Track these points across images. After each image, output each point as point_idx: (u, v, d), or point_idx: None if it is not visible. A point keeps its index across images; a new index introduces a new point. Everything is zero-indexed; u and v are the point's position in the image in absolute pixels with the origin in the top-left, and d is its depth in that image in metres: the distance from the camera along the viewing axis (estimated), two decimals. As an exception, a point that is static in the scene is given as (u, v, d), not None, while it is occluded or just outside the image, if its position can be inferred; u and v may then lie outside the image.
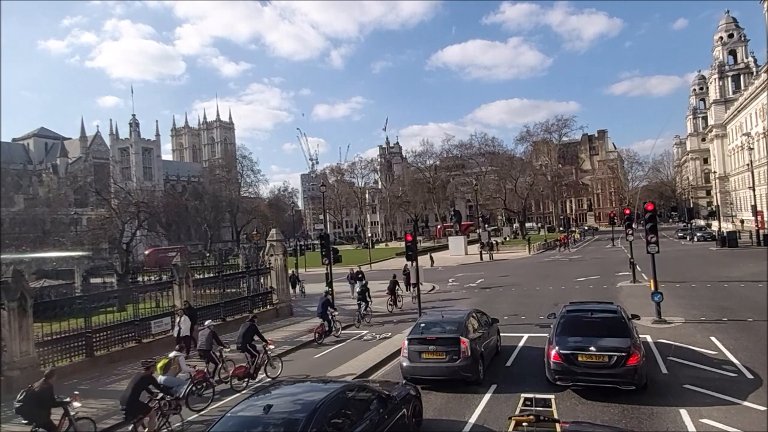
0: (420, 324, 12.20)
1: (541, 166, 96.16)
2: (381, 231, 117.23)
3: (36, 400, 8.73)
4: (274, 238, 23.93)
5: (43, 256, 39.25)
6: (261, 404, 6.59)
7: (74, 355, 14.67)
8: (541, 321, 16.11)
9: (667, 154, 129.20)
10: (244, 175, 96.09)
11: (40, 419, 8.72)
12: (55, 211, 66.87)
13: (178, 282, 18.30)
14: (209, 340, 12.71)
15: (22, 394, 8.83)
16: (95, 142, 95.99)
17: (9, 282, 13.29)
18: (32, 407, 8.72)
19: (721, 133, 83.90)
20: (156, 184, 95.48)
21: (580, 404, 9.64)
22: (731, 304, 18.44)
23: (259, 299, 22.59)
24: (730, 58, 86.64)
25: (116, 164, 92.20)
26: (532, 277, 32.19)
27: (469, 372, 10.86)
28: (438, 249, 59.00)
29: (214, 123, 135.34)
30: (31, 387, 8.95)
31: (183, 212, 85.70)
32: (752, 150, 56.46)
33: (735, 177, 76.70)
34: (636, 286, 24.13)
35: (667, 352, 12.63)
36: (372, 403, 7.58)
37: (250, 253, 29.21)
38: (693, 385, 10.18)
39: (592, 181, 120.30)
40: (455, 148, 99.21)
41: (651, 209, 18.12)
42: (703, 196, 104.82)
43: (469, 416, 9.42)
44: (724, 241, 42.13)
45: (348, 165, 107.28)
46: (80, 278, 28.72)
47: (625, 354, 9.61)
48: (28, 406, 8.71)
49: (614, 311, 11.28)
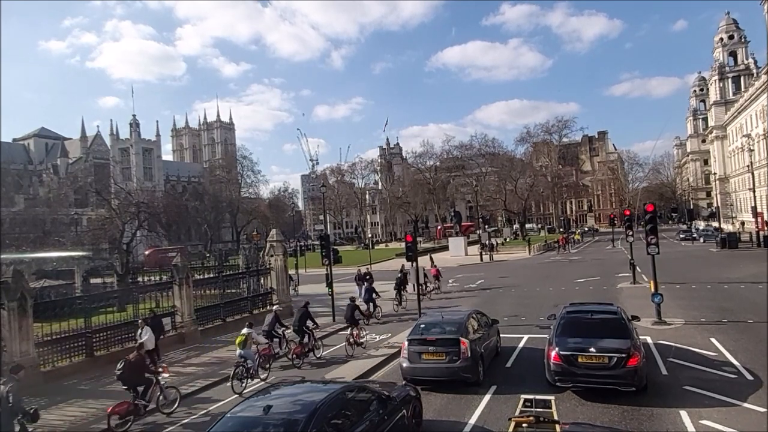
0: (420, 325, 12.20)
1: (542, 167, 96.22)
2: (381, 232, 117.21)
3: (132, 368, 10.33)
4: (274, 238, 23.94)
5: (44, 256, 39.22)
6: (261, 405, 6.60)
7: (74, 355, 14.67)
8: (541, 322, 16.10)
9: (668, 156, 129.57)
10: (245, 175, 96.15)
11: (136, 384, 10.37)
12: (55, 211, 66.81)
13: (178, 282, 18.30)
14: (273, 322, 14.72)
15: (121, 363, 10.39)
16: (95, 142, 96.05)
17: (9, 282, 13.28)
18: (129, 374, 10.31)
19: (721, 135, 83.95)
20: (156, 185, 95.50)
21: (580, 405, 9.64)
22: (731, 306, 18.44)
23: (259, 300, 22.59)
24: (731, 60, 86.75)
25: (116, 164, 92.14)
26: (532, 278, 32.19)
27: (469, 373, 10.85)
28: (438, 250, 58.97)
29: (215, 123, 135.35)
30: (128, 358, 10.51)
31: (183, 212, 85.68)
32: (752, 151, 56.52)
33: (735, 178, 76.74)
34: (636, 288, 24.12)
35: (667, 353, 12.62)
36: (372, 403, 7.58)
37: (250, 254, 29.18)
38: (693, 386, 10.18)
39: (592, 182, 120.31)
40: (455, 149, 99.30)
41: (651, 210, 18.14)
42: (704, 198, 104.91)
43: (468, 417, 9.42)
44: (724, 243, 42.15)
45: (348, 165, 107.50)
46: (80, 278, 28.68)
47: (625, 355, 9.61)
48: (126, 374, 10.28)
49: (614, 312, 11.28)
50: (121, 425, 9.79)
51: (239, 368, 12.15)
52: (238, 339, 12.62)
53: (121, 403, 9.96)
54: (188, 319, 18.26)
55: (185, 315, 18.22)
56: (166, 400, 10.83)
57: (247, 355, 12.44)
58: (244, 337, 12.63)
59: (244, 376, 12.20)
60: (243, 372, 12.19)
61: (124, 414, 9.80)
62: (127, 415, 9.86)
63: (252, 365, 12.47)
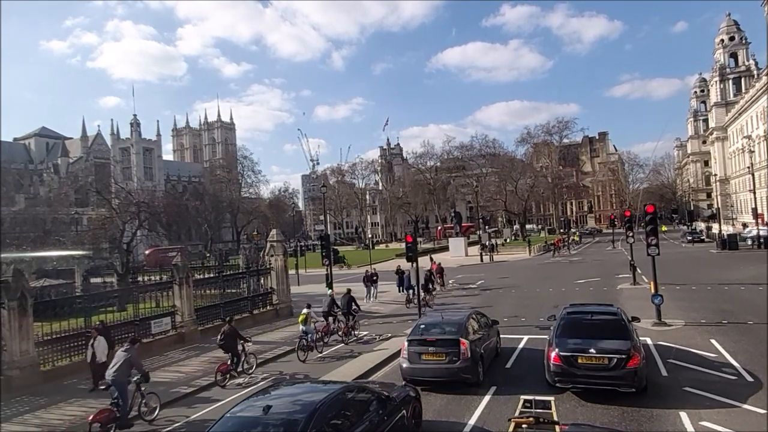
0: (420, 325, 12.19)
1: (542, 167, 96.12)
2: (381, 232, 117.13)
3: (227, 336, 13.03)
4: (274, 238, 23.94)
5: (44, 255, 39.25)
6: (260, 405, 6.59)
7: (74, 355, 14.66)
8: (541, 323, 16.10)
9: (668, 157, 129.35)
10: (245, 175, 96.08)
11: (233, 350, 13.07)
12: (55, 211, 66.86)
13: (178, 282, 18.30)
14: (330, 304, 17.54)
15: (222, 334, 13.15)
16: (96, 141, 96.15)
17: (9, 281, 13.30)
18: (226, 342, 13.04)
19: (721, 136, 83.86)
20: (157, 184, 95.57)
21: (579, 406, 9.63)
22: (731, 307, 18.43)
23: (259, 300, 22.60)
24: (731, 61, 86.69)
25: (117, 164, 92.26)
26: (532, 278, 32.18)
27: (468, 373, 10.85)
28: (438, 250, 58.96)
29: (215, 123, 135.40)
30: (224, 330, 13.19)
31: (183, 212, 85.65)
32: (753, 153, 56.51)
33: (736, 180, 76.66)
34: (636, 289, 24.12)
35: (667, 354, 12.62)
36: (371, 404, 7.58)
37: (251, 254, 29.13)
38: (693, 387, 10.17)
39: (592, 183, 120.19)
40: (456, 150, 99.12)
41: (651, 211, 18.13)
42: (704, 199, 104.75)
43: (468, 418, 9.42)
44: (725, 244, 42.13)
45: (349, 166, 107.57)
46: (80, 278, 28.70)
47: (625, 356, 9.61)
48: (223, 341, 13.02)
49: (614, 313, 11.27)
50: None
51: (302, 341, 14.80)
52: (300, 317, 15.48)
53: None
54: (188, 319, 18.27)
55: (185, 315, 18.22)
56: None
57: (308, 331, 15.09)
58: (305, 316, 15.27)
59: (305, 347, 14.75)
60: (305, 344, 14.78)
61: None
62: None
63: (312, 339, 15.07)
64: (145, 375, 10.55)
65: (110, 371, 10.19)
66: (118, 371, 10.07)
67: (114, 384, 10.00)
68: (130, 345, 10.64)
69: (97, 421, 9.38)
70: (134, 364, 10.33)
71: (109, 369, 10.33)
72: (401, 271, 26.39)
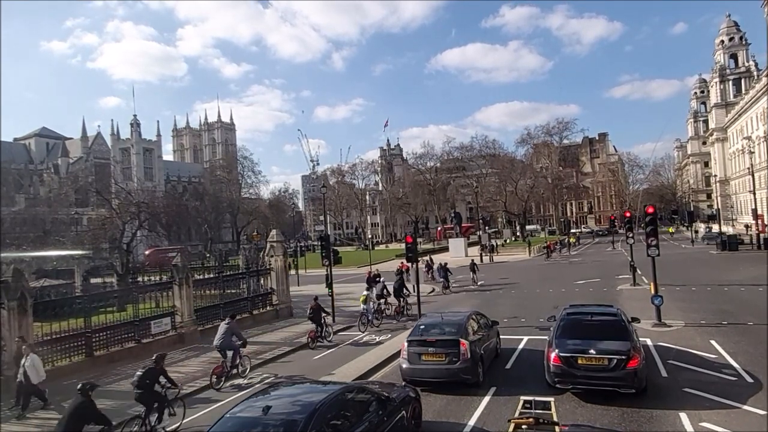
0: (420, 326, 12.19)
1: (542, 168, 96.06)
2: (381, 232, 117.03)
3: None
4: (274, 239, 23.94)
5: (44, 255, 39.24)
6: (260, 405, 6.59)
7: (74, 355, 14.68)
8: (541, 323, 16.10)
9: (668, 157, 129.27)
10: (245, 175, 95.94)
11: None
12: (55, 211, 66.84)
13: (178, 282, 18.30)
14: (382, 288, 21.42)
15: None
16: (96, 142, 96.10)
17: (9, 281, 13.31)
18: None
19: (721, 137, 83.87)
20: (157, 185, 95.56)
21: (579, 407, 9.63)
22: (731, 308, 18.43)
23: (259, 300, 22.61)
24: (731, 62, 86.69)
25: (117, 164, 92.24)
26: (532, 279, 32.17)
27: (468, 374, 10.85)
28: (438, 251, 58.94)
29: (215, 124, 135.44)
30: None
31: (183, 213, 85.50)
32: (753, 153, 56.52)
33: (736, 180, 76.67)
34: (636, 289, 24.11)
35: (667, 355, 12.62)
36: (371, 404, 7.58)
37: (251, 254, 29.16)
38: (693, 388, 10.17)
39: (592, 184, 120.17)
40: (456, 150, 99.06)
41: (651, 212, 18.13)
42: (704, 200, 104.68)
43: (468, 418, 9.42)
44: (725, 245, 42.08)
45: (349, 166, 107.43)
46: (80, 278, 28.69)
47: (624, 357, 9.61)
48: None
49: (614, 314, 11.27)
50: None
51: (363, 317, 18.76)
52: (361, 298, 19.30)
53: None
54: (188, 320, 18.27)
55: (185, 315, 18.22)
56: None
57: (368, 309, 18.96)
58: (365, 296, 19.15)
59: (365, 323, 18.66)
60: (365, 320, 18.73)
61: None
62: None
63: (371, 317, 19.01)
64: (244, 341, 13.54)
65: (217, 340, 13.25)
66: (223, 338, 13.17)
67: (222, 348, 13.13)
68: (231, 319, 13.69)
69: (215, 374, 12.56)
70: (235, 333, 13.35)
71: (216, 339, 13.32)
72: (376, 276, 24.75)
